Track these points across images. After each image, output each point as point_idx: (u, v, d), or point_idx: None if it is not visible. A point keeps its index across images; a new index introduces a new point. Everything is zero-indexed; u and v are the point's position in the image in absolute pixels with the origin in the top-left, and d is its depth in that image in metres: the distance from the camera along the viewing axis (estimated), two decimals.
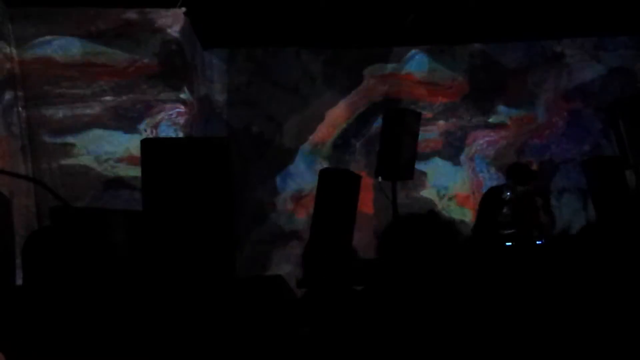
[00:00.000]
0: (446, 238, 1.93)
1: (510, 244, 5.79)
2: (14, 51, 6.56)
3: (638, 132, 6.39)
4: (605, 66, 8.52)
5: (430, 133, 8.39)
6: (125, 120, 6.98)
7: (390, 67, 8.60)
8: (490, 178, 8.39)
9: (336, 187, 4.69)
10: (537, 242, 5.83)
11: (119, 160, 6.89)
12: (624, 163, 6.25)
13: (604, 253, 2.35)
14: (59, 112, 6.81)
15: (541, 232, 6.44)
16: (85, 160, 6.86)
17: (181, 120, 7.14)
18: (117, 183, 6.86)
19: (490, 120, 8.61)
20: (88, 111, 6.89)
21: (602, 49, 8.52)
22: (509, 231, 6.12)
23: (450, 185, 8.51)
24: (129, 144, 6.84)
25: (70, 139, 6.85)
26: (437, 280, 1.90)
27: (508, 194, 6.65)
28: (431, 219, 1.98)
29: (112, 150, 6.90)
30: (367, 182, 7.11)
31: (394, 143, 5.50)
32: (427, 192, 8.46)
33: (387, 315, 1.97)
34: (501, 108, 8.62)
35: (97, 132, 6.91)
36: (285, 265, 7.97)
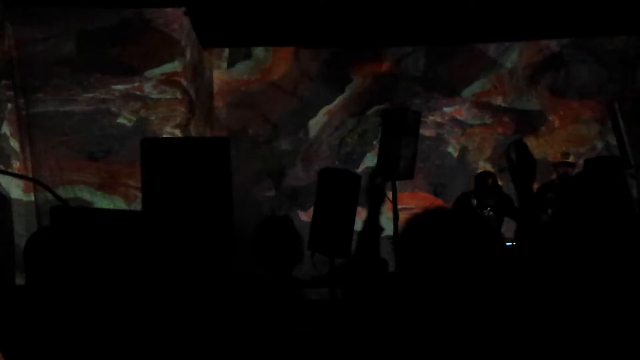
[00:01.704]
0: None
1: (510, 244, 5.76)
2: (14, 50, 6.56)
3: (638, 133, 6.39)
4: (605, 66, 8.51)
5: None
6: (123, 119, 6.98)
7: (387, 66, 8.60)
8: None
9: (336, 187, 4.67)
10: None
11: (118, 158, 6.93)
12: (624, 163, 6.24)
13: (605, 254, 2.35)
14: (58, 111, 6.82)
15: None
16: (84, 158, 6.87)
17: (180, 120, 7.14)
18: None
19: (488, 118, 8.62)
20: (87, 109, 6.90)
21: (602, 49, 8.52)
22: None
23: (448, 183, 8.52)
24: (127, 142, 6.87)
25: (69, 138, 6.85)
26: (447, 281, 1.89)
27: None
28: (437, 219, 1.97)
29: (109, 148, 6.91)
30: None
31: (394, 143, 5.47)
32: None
33: (389, 314, 1.97)
34: (500, 107, 8.62)
35: (97, 130, 6.92)
36: None
